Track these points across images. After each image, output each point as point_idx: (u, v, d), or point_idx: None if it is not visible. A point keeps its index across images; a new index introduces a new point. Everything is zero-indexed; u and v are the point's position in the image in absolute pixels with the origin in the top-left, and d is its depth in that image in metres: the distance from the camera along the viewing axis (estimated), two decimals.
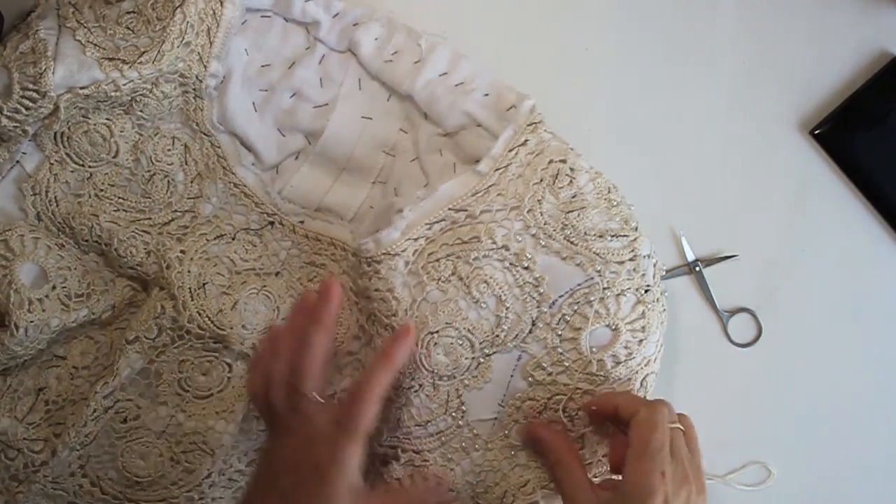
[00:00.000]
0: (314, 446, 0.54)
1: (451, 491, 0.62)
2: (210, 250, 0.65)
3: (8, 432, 0.62)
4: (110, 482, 0.63)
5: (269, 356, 0.58)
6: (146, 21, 0.60)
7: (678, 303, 0.68)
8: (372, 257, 0.62)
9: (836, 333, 0.67)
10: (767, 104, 0.68)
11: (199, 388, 0.65)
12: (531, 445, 0.61)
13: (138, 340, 0.63)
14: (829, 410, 0.68)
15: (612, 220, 0.61)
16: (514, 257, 0.61)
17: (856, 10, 0.67)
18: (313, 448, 0.54)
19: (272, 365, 0.57)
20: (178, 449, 0.64)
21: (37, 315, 0.60)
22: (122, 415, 0.63)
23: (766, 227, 0.68)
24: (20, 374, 0.63)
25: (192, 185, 0.65)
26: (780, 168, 0.67)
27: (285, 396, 0.56)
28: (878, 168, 0.66)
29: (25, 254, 0.61)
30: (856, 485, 0.68)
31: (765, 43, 0.67)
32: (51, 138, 0.62)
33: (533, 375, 0.61)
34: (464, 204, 0.61)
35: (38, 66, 0.58)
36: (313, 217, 0.66)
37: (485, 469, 0.62)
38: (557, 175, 0.61)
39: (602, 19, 0.68)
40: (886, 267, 0.67)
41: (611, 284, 0.60)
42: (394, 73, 0.65)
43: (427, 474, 0.61)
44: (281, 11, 0.65)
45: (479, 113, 0.63)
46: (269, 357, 0.58)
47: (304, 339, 0.57)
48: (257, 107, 0.66)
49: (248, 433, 0.64)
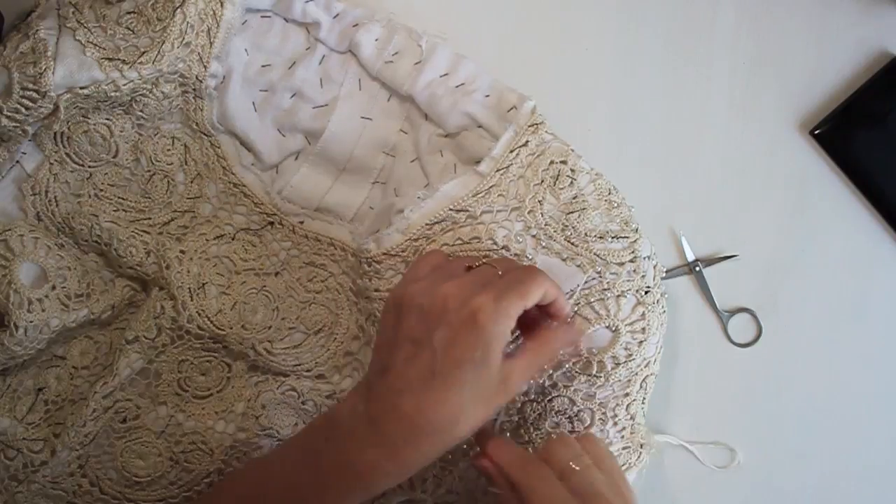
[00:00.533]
0: (474, 298, 0.51)
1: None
2: (210, 250, 0.65)
3: (7, 432, 0.62)
4: (110, 482, 0.63)
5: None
6: (146, 21, 0.60)
7: (678, 303, 0.68)
8: (372, 257, 0.62)
9: (836, 333, 0.67)
10: (767, 104, 0.67)
11: (199, 388, 0.65)
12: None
13: (138, 340, 0.63)
14: (829, 410, 0.68)
15: (613, 222, 0.61)
16: (514, 258, 0.61)
17: (856, 10, 0.67)
18: (473, 300, 0.51)
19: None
20: (177, 449, 0.64)
21: (36, 315, 0.60)
22: (121, 415, 0.63)
23: (766, 227, 0.68)
24: (20, 374, 0.63)
25: (192, 185, 0.65)
26: (780, 168, 0.67)
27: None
28: (878, 168, 0.66)
29: (25, 254, 0.61)
30: (856, 485, 0.68)
31: (765, 43, 0.67)
32: (51, 138, 0.62)
33: (532, 377, 0.61)
34: (464, 204, 0.61)
35: (38, 66, 0.58)
36: (313, 217, 0.66)
37: None
38: (558, 176, 0.61)
39: (602, 19, 0.68)
40: (886, 267, 0.67)
41: (611, 286, 0.60)
42: (394, 74, 0.65)
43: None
44: (281, 12, 0.65)
45: (480, 114, 0.63)
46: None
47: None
48: (257, 107, 0.66)
49: (247, 432, 0.64)
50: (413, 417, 0.51)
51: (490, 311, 0.51)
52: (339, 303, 0.65)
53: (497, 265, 0.55)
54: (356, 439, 0.52)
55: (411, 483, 0.63)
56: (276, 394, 0.64)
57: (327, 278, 0.65)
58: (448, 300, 0.52)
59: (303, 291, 0.65)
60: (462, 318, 0.51)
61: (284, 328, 0.65)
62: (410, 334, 0.52)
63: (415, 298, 0.53)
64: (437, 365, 0.51)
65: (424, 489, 0.62)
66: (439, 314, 0.51)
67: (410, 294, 0.53)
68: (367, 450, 0.52)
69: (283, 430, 0.63)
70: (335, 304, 0.65)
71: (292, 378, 0.64)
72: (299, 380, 0.64)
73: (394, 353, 0.53)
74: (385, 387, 0.52)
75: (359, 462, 0.52)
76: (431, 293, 0.52)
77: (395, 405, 0.51)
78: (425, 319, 0.52)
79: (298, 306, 0.65)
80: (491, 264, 0.55)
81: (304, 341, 0.65)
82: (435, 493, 0.63)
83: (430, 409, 0.51)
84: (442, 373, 0.51)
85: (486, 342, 0.51)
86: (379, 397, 0.53)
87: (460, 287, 0.52)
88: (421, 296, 0.53)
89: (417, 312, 0.52)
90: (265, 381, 0.65)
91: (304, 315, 0.65)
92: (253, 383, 0.65)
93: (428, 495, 0.63)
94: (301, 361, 0.64)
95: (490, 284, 0.52)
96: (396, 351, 0.53)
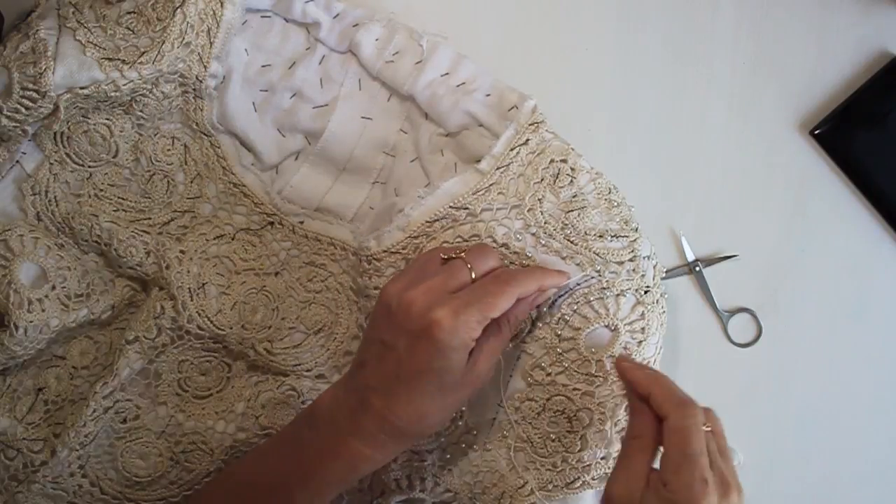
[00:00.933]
0: (434, 310, 0.53)
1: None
2: (209, 250, 0.65)
3: (7, 432, 0.62)
4: (110, 482, 0.63)
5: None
6: (146, 21, 0.60)
7: (678, 303, 0.68)
8: (373, 255, 0.62)
9: (836, 333, 0.67)
10: (767, 104, 0.67)
11: (199, 389, 0.65)
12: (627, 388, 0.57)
13: (138, 340, 0.63)
14: (829, 410, 0.68)
15: (613, 221, 0.61)
16: (514, 256, 0.61)
17: (856, 10, 0.67)
18: (432, 312, 0.53)
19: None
20: (177, 449, 0.64)
21: (36, 315, 0.60)
22: (121, 415, 0.63)
23: (766, 227, 0.68)
24: (19, 374, 0.63)
25: (192, 185, 0.65)
26: (780, 168, 0.67)
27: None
28: (878, 168, 0.66)
29: (25, 253, 0.61)
30: (856, 485, 0.68)
31: (765, 43, 0.67)
32: (51, 138, 0.62)
33: (532, 375, 0.61)
34: (465, 202, 0.61)
35: (38, 66, 0.58)
36: (313, 217, 0.66)
37: (482, 470, 0.62)
38: (558, 175, 0.61)
39: (602, 19, 0.68)
40: (886, 267, 0.67)
41: (610, 284, 0.60)
42: (395, 74, 0.65)
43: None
44: (281, 12, 0.65)
45: (481, 113, 0.63)
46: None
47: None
48: (257, 107, 0.66)
49: (247, 432, 0.64)
50: (383, 413, 0.54)
51: (447, 326, 0.52)
52: (339, 302, 0.65)
53: (470, 258, 0.56)
54: (337, 427, 0.55)
55: (410, 482, 0.63)
56: (275, 393, 0.64)
57: (327, 278, 0.65)
58: (411, 307, 0.53)
59: (303, 291, 0.65)
60: (420, 329, 0.53)
61: (284, 328, 0.65)
62: (380, 335, 0.55)
63: (390, 298, 0.55)
64: (401, 369, 0.54)
65: (423, 488, 0.62)
66: (402, 320, 0.54)
67: (388, 292, 0.55)
68: (347, 437, 0.55)
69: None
70: (335, 304, 0.65)
71: (292, 378, 0.64)
72: (299, 379, 0.64)
73: (370, 349, 0.56)
74: (361, 381, 0.55)
75: (340, 447, 0.55)
76: (400, 296, 0.54)
77: (368, 400, 0.54)
78: (393, 323, 0.54)
79: (298, 306, 0.65)
80: (463, 258, 0.56)
81: (303, 341, 0.65)
82: (433, 492, 0.63)
83: (398, 407, 0.54)
84: (405, 378, 0.54)
85: (443, 353, 0.53)
86: (356, 389, 0.55)
87: (426, 293, 0.53)
88: (393, 296, 0.54)
89: (387, 313, 0.54)
90: (265, 380, 0.65)
91: (304, 315, 0.65)
92: (253, 383, 0.65)
93: (426, 494, 0.63)
94: (301, 361, 0.64)
95: (453, 297, 0.54)
96: (371, 347, 0.56)
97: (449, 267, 0.56)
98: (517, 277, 0.56)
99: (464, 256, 0.56)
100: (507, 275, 0.56)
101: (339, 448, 0.55)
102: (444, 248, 0.59)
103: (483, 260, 0.57)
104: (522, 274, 0.57)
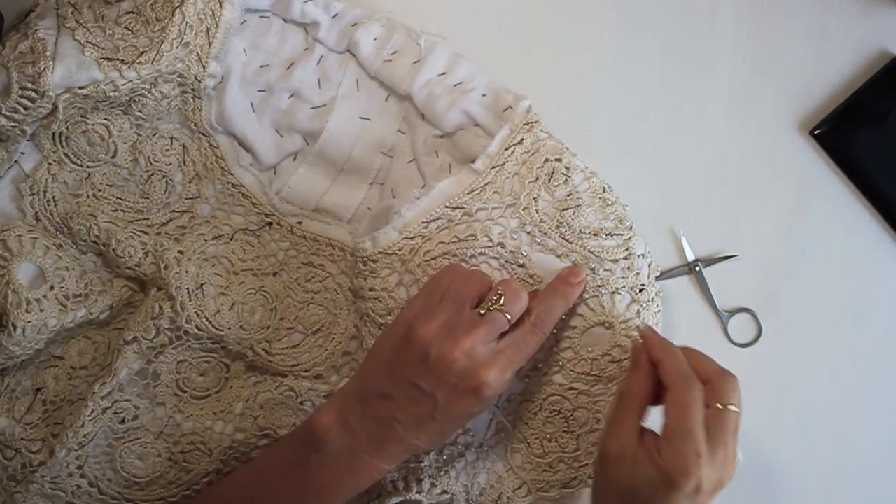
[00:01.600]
0: (482, 373, 0.54)
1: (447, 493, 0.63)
2: (208, 251, 0.65)
3: (6, 432, 0.62)
4: (108, 482, 0.63)
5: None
6: (145, 21, 0.60)
7: (678, 303, 0.67)
8: (368, 256, 0.62)
9: (836, 333, 0.67)
10: (767, 104, 0.67)
11: (197, 389, 0.65)
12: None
13: (136, 341, 0.62)
14: (829, 410, 0.68)
15: (607, 219, 0.61)
16: (509, 255, 0.61)
17: (856, 10, 0.66)
18: (481, 375, 0.54)
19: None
20: (176, 449, 0.64)
21: (35, 315, 0.60)
22: (120, 415, 0.63)
23: (766, 227, 0.67)
24: (18, 374, 0.63)
25: (190, 186, 0.65)
26: (780, 168, 0.67)
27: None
28: (878, 168, 0.66)
29: (23, 254, 0.61)
30: (856, 485, 0.68)
31: (765, 43, 0.67)
32: (49, 138, 0.62)
33: (528, 375, 0.61)
34: (460, 201, 0.61)
35: (36, 66, 0.58)
36: (311, 218, 0.66)
37: (479, 471, 0.62)
38: (553, 173, 0.61)
39: (602, 19, 0.68)
40: (886, 267, 0.67)
41: (605, 282, 0.60)
42: (393, 73, 0.65)
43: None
44: (280, 12, 0.65)
45: (477, 112, 0.63)
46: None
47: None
48: (255, 107, 0.66)
49: (246, 432, 0.64)
50: (410, 441, 0.56)
51: (495, 385, 0.54)
52: (338, 303, 0.65)
53: (507, 308, 0.56)
54: (351, 450, 0.56)
55: (407, 484, 0.62)
56: (274, 394, 0.64)
57: (325, 278, 0.65)
58: (456, 364, 0.54)
59: (301, 292, 0.65)
60: (468, 388, 0.54)
61: (283, 328, 0.65)
62: (414, 379, 0.55)
63: (425, 343, 0.55)
64: (438, 414, 0.55)
65: (420, 490, 0.62)
66: (443, 374, 0.54)
67: (422, 335, 0.55)
68: (364, 457, 0.56)
69: (281, 430, 0.63)
70: (333, 305, 0.65)
71: (290, 378, 0.64)
72: (297, 380, 0.64)
73: (397, 386, 0.56)
74: (387, 414, 0.56)
75: (358, 466, 0.57)
76: (441, 347, 0.54)
77: (394, 430, 0.56)
78: (431, 373, 0.55)
79: (296, 306, 0.65)
80: (502, 310, 0.56)
81: (302, 341, 0.65)
82: (430, 493, 0.62)
83: (425, 438, 0.56)
84: (441, 420, 0.55)
85: (485, 404, 0.56)
86: (377, 420, 0.56)
87: (470, 353, 0.54)
88: (430, 345, 0.54)
89: (424, 360, 0.55)
90: (263, 381, 0.65)
91: (303, 315, 0.65)
92: (251, 384, 0.65)
93: (423, 496, 0.62)
94: (299, 362, 0.64)
95: (498, 354, 0.55)
96: (399, 386, 0.56)
97: (490, 321, 0.56)
98: (550, 318, 0.57)
99: (503, 307, 0.56)
100: (544, 320, 0.57)
101: (357, 466, 0.57)
102: (468, 279, 0.58)
103: (519, 306, 0.57)
104: (551, 311, 0.58)
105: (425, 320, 0.55)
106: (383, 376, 0.56)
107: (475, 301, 0.57)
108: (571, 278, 0.59)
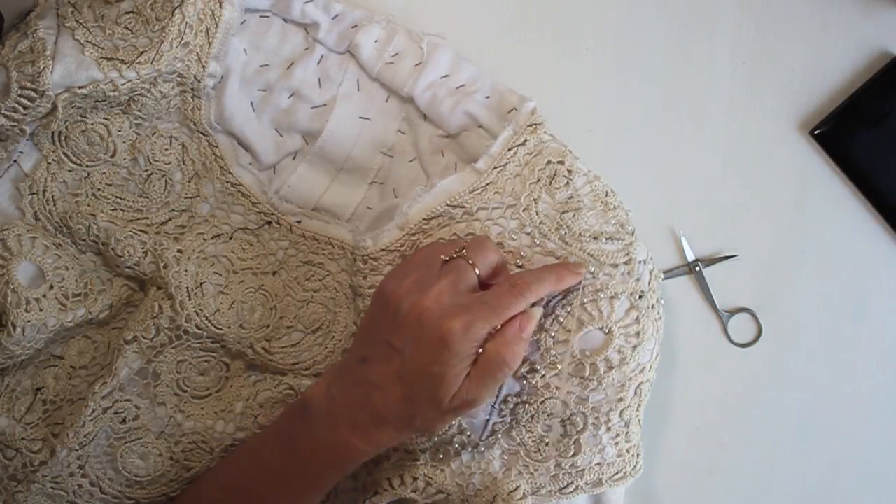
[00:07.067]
0: (447, 321, 0.54)
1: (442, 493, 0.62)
2: (207, 250, 0.65)
3: (6, 432, 0.62)
4: (109, 482, 0.63)
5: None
6: (145, 21, 0.60)
7: (678, 302, 0.67)
8: (370, 254, 0.62)
9: (836, 333, 0.67)
10: (767, 104, 0.67)
11: (198, 388, 0.65)
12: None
13: (136, 340, 0.63)
14: (829, 410, 0.68)
15: (608, 223, 0.61)
16: (508, 255, 0.60)
17: (856, 10, 0.66)
18: (446, 323, 0.54)
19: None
20: (177, 449, 0.64)
21: (34, 315, 0.60)
22: (120, 415, 0.63)
23: (766, 227, 0.67)
24: (18, 374, 0.63)
25: (190, 185, 0.65)
26: (780, 168, 0.67)
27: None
28: (878, 168, 0.66)
29: (23, 253, 0.61)
30: (856, 485, 0.68)
31: (765, 43, 0.67)
32: (48, 137, 0.62)
33: (526, 378, 0.61)
34: (462, 200, 0.61)
35: (36, 65, 0.58)
36: (310, 217, 0.66)
37: (475, 471, 0.62)
38: (554, 176, 0.61)
39: (602, 19, 0.68)
40: (886, 267, 0.67)
41: (604, 286, 0.60)
42: (395, 76, 0.65)
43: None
44: (280, 12, 0.65)
45: (481, 114, 0.63)
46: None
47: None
48: (255, 107, 0.66)
49: (246, 431, 0.64)
50: (380, 409, 0.56)
51: (458, 336, 0.54)
52: (337, 301, 0.65)
53: (472, 256, 0.57)
54: (330, 419, 0.57)
55: (402, 482, 0.62)
56: (274, 393, 0.64)
57: (325, 277, 0.65)
58: (423, 315, 0.54)
59: (300, 290, 0.65)
60: (432, 338, 0.54)
61: (282, 327, 0.65)
62: (388, 337, 0.56)
63: (397, 301, 0.56)
64: (403, 371, 0.55)
65: (415, 488, 0.62)
66: (412, 327, 0.55)
67: (396, 294, 0.56)
68: (340, 428, 0.57)
69: None
70: (333, 303, 0.65)
71: (290, 377, 0.64)
72: (297, 378, 0.64)
73: (373, 347, 0.57)
74: (362, 377, 0.57)
75: (333, 440, 0.57)
76: (410, 301, 0.55)
77: (369, 395, 0.56)
78: (403, 327, 0.55)
79: (296, 305, 0.65)
80: (465, 256, 0.57)
81: (301, 340, 0.65)
82: (425, 492, 0.62)
83: (393, 405, 0.56)
84: (406, 379, 0.55)
85: (446, 362, 0.54)
86: (357, 383, 0.57)
87: (437, 300, 0.55)
88: (401, 300, 0.56)
89: (394, 317, 0.56)
90: (263, 380, 0.65)
91: (302, 314, 0.65)
92: (251, 382, 0.65)
93: (418, 495, 0.62)
94: (299, 360, 0.64)
95: (466, 307, 0.54)
96: (375, 346, 0.57)
97: (454, 268, 0.56)
98: (532, 287, 0.56)
99: (465, 255, 0.57)
100: (523, 285, 0.56)
101: (332, 440, 0.57)
102: (440, 245, 0.59)
103: (484, 256, 0.57)
104: (537, 282, 0.57)
105: (399, 281, 0.56)
106: (363, 341, 0.58)
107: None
108: (571, 266, 0.59)
